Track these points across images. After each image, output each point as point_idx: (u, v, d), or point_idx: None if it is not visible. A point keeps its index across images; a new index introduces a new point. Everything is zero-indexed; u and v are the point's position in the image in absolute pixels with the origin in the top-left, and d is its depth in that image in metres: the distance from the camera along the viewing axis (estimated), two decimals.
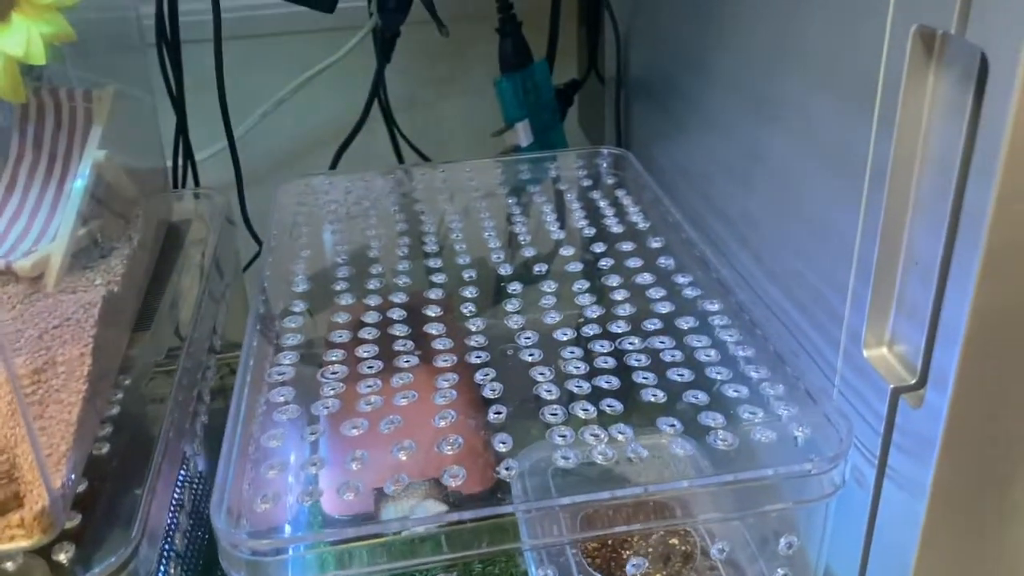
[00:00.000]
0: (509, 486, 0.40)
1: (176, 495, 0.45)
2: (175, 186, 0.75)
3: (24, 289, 0.46)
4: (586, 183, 0.67)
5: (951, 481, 0.36)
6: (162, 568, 0.41)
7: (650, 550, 0.52)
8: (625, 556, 0.51)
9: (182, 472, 0.46)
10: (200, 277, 0.58)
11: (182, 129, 0.74)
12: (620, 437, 0.41)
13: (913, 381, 0.38)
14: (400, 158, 0.86)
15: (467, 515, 0.38)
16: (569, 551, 0.51)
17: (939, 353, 0.36)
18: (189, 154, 0.75)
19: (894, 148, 0.36)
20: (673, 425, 0.41)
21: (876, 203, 0.38)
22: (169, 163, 0.74)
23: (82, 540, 0.37)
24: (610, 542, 0.52)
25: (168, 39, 0.71)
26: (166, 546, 0.42)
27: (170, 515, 0.43)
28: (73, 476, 0.38)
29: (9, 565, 0.36)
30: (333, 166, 0.82)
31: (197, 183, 0.77)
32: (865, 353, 0.40)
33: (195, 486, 0.48)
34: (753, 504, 0.40)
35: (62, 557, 0.37)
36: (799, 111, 0.44)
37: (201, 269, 0.58)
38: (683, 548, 0.52)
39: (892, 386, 0.38)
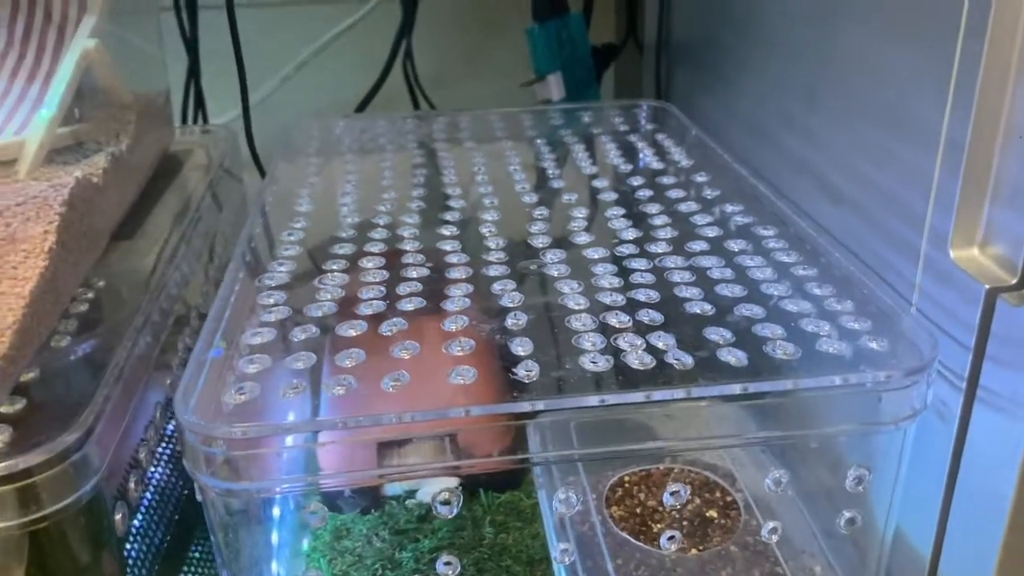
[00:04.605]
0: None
1: (150, 413, 0.39)
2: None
3: None
4: (623, 128, 0.61)
5: None
6: (121, 483, 0.35)
7: (684, 523, 0.46)
8: (656, 529, 0.45)
9: (160, 393, 0.41)
10: (193, 199, 0.52)
11: (194, 71, 0.69)
12: (660, 344, 0.35)
13: (1014, 281, 0.32)
14: None
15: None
16: (595, 517, 0.45)
17: None
18: (200, 103, 0.71)
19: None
20: (723, 336, 0.35)
21: (969, 72, 0.32)
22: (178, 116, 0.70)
23: (20, 425, 0.32)
24: (639, 511, 0.46)
25: None
26: (127, 457, 0.36)
27: (135, 426, 0.37)
28: (17, 353, 0.32)
29: None
30: None
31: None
32: (953, 254, 0.34)
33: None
34: (813, 425, 0.33)
35: None
36: None
37: (194, 194, 0.53)
38: (723, 522, 0.46)
39: (987, 287, 0.32)
